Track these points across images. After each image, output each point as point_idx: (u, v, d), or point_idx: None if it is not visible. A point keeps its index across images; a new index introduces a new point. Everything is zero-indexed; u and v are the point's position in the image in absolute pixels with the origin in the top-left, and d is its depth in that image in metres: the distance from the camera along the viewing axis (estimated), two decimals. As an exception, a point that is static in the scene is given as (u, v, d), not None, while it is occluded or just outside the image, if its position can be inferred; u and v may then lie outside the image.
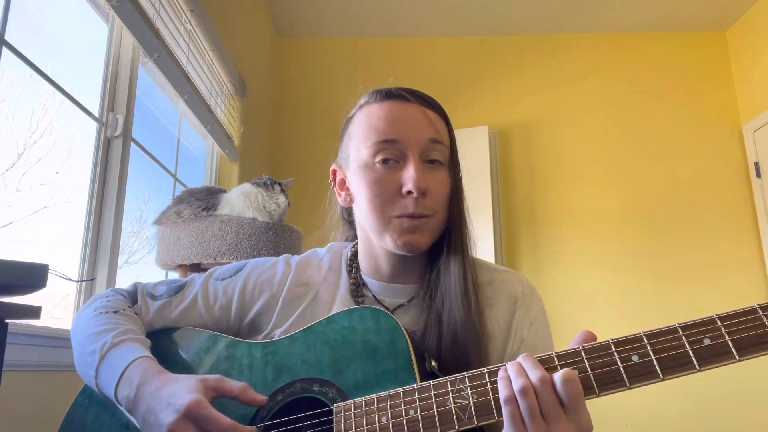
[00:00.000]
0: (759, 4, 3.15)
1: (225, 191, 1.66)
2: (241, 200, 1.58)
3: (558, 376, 0.56)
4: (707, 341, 0.55)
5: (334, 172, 0.87)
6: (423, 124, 0.79)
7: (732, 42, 3.38)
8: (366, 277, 0.86)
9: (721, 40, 3.43)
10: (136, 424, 0.71)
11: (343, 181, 0.85)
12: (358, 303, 0.84)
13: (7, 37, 1.27)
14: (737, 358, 0.53)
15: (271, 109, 3.35)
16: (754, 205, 3.14)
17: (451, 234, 0.80)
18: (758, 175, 3.12)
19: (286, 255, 0.92)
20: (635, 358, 0.57)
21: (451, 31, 3.48)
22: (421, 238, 0.77)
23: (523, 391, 0.56)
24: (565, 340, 0.86)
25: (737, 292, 3.03)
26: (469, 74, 3.45)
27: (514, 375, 0.58)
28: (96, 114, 1.65)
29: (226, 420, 0.63)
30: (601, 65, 3.41)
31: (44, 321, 1.36)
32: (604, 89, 3.37)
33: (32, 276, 0.76)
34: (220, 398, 0.67)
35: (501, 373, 0.59)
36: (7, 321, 0.76)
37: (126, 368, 0.70)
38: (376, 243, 0.82)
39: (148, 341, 0.79)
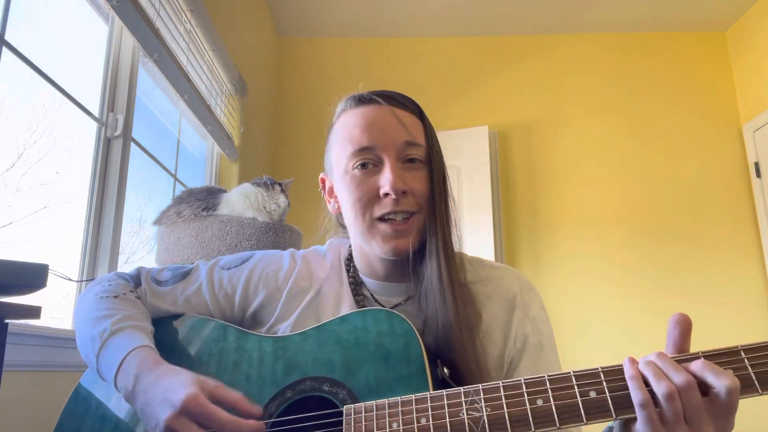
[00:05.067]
0: (759, 4, 3.15)
1: (225, 191, 1.66)
2: (241, 200, 1.58)
3: (721, 386, 0.53)
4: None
5: (323, 181, 0.90)
6: (396, 127, 0.79)
7: (732, 42, 3.38)
8: (363, 277, 0.87)
9: (721, 40, 3.43)
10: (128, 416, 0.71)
11: (332, 189, 0.88)
12: (358, 302, 0.84)
13: (7, 37, 1.26)
14: (760, 392, 0.52)
15: (271, 109, 3.34)
16: (754, 205, 3.14)
17: (429, 231, 0.78)
18: (758, 175, 3.12)
19: (291, 249, 0.93)
20: None
21: (451, 31, 3.47)
22: (406, 243, 0.77)
23: (669, 396, 0.53)
24: (564, 340, 0.86)
25: (737, 292, 3.02)
26: (468, 74, 3.44)
27: (653, 377, 0.54)
28: (96, 114, 1.65)
29: (224, 414, 0.62)
30: (601, 65, 3.41)
31: (44, 321, 1.36)
32: (604, 89, 3.37)
33: (32, 276, 0.76)
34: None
35: (631, 372, 0.56)
36: (7, 321, 0.76)
37: (124, 358, 0.70)
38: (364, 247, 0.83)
39: (150, 327, 0.79)
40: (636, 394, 0.54)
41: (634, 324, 3.01)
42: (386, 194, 0.76)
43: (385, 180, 0.76)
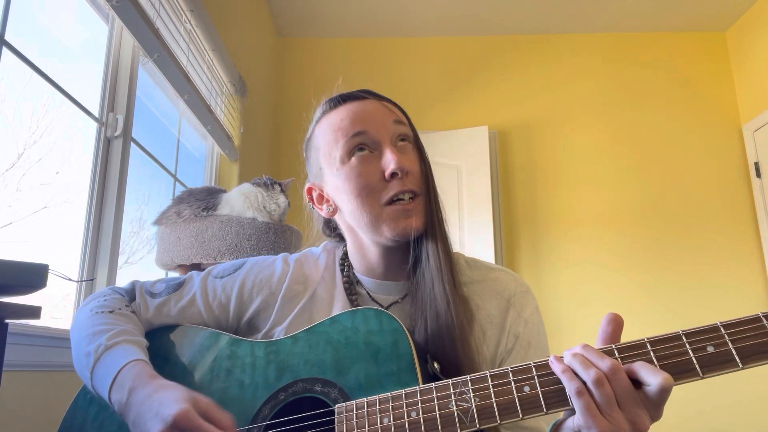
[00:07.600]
0: (759, 4, 3.15)
1: (225, 191, 1.66)
2: (241, 200, 1.58)
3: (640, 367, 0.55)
4: (711, 349, 0.54)
5: (310, 191, 0.88)
6: (383, 111, 0.81)
7: (732, 42, 3.38)
8: (359, 275, 0.87)
9: (721, 40, 3.43)
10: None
11: (321, 196, 0.86)
12: (352, 301, 0.84)
13: (7, 37, 1.27)
14: (740, 366, 0.53)
15: (271, 109, 3.35)
16: (754, 205, 3.14)
17: (429, 214, 0.79)
18: (758, 175, 3.12)
19: (284, 253, 0.93)
20: None
21: (451, 30, 3.47)
22: (415, 222, 0.78)
23: (598, 381, 0.55)
24: (564, 340, 0.86)
25: (737, 292, 3.03)
26: (469, 74, 3.45)
27: (581, 367, 0.56)
28: (96, 114, 1.65)
29: (215, 430, 0.62)
30: (601, 65, 3.41)
31: (44, 321, 1.36)
32: (603, 89, 3.37)
33: (32, 276, 0.76)
34: (220, 397, 0.67)
35: (561, 367, 0.58)
36: (7, 321, 0.76)
37: (119, 372, 0.70)
38: (367, 240, 0.83)
39: (145, 342, 0.79)
40: (569, 385, 0.56)
41: (634, 323, 3.01)
42: (393, 174, 0.76)
43: (389, 160, 0.76)
